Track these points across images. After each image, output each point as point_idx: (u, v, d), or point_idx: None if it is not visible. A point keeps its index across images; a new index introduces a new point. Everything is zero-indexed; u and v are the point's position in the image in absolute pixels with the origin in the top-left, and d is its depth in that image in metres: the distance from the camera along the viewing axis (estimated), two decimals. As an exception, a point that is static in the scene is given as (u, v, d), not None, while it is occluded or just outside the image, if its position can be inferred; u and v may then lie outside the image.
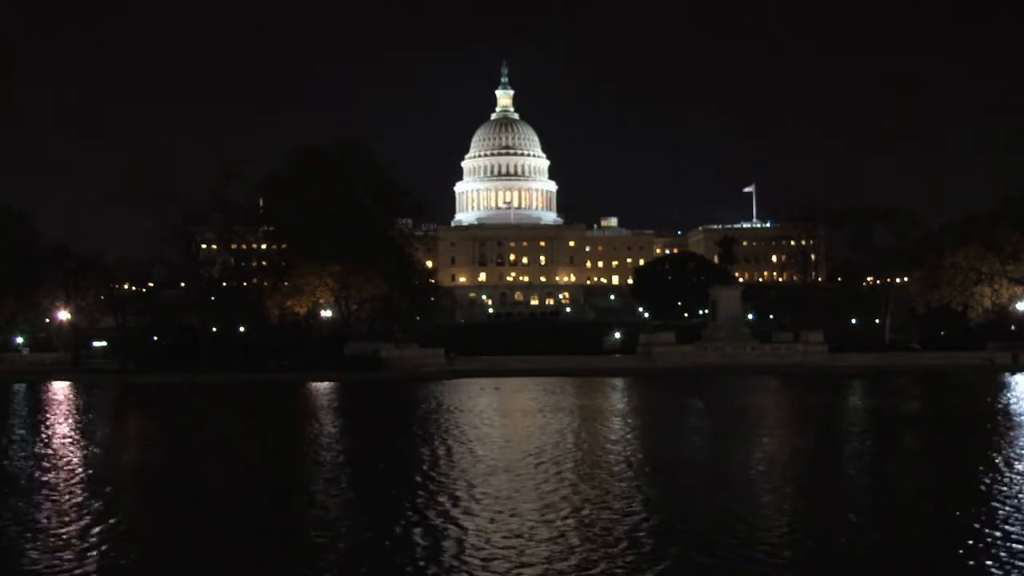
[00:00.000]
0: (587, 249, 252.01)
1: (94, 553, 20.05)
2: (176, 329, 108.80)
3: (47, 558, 19.65)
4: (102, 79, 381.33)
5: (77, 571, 18.74)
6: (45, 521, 23.23)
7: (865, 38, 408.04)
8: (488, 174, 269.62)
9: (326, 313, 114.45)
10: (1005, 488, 26.26)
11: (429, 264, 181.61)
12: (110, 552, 20.19)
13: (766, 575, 18.33)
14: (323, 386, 77.89)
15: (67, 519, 23.42)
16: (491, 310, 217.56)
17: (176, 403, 66.17)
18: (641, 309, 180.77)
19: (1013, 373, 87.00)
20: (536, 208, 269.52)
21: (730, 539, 20.81)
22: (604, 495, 25.83)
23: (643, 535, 21.26)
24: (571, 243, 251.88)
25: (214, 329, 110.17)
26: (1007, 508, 23.49)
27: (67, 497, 26.46)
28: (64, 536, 21.58)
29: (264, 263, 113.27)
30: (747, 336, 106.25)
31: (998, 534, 20.84)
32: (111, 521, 23.18)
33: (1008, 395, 61.09)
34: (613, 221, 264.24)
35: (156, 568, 19.67)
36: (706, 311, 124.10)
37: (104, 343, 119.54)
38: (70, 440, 40.65)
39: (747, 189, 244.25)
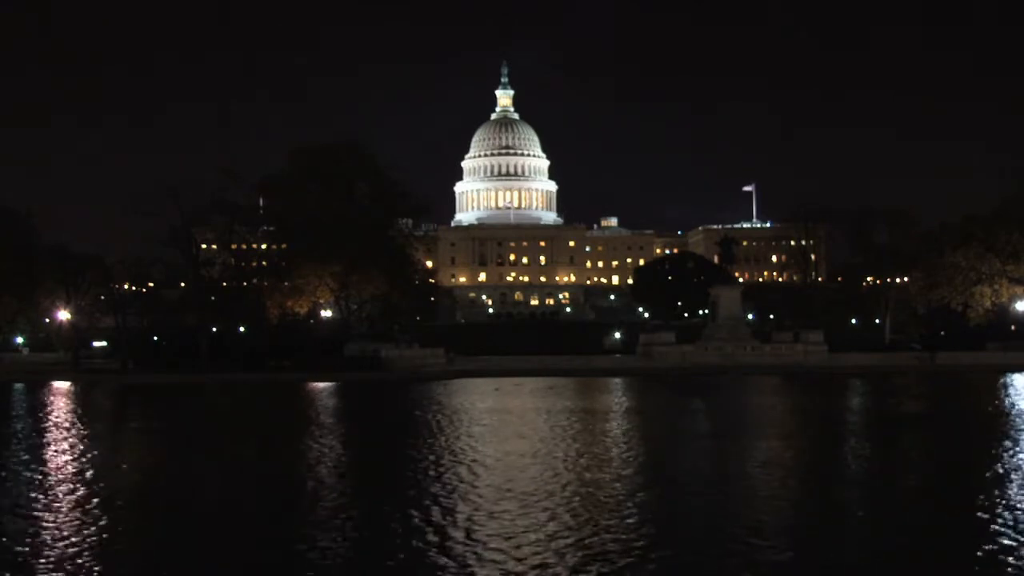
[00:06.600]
0: (587, 249, 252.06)
1: (91, 553, 20.03)
2: (176, 329, 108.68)
3: (43, 558, 19.64)
4: (102, 79, 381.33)
5: (74, 571, 18.74)
6: (42, 521, 23.20)
7: (866, 38, 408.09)
8: (488, 174, 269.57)
9: (326, 313, 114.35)
10: (1006, 488, 26.24)
11: (429, 264, 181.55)
12: (108, 553, 20.16)
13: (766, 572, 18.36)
14: (323, 386, 77.85)
15: (65, 519, 23.39)
16: (491, 310, 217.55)
17: (176, 403, 66.15)
18: (641, 309, 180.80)
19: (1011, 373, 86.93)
20: (536, 208, 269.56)
21: (731, 540, 20.81)
22: (604, 499, 25.80)
23: (642, 537, 21.27)
24: (571, 243, 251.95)
25: (214, 329, 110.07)
26: (1009, 508, 23.47)
27: (65, 497, 26.43)
28: (61, 537, 21.55)
29: (264, 263, 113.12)
30: (747, 336, 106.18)
31: (999, 534, 20.82)
32: (109, 521, 23.16)
33: (1008, 394, 61.05)
34: (613, 221, 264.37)
35: (154, 569, 19.65)
36: (706, 311, 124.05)
37: (104, 343, 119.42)
38: (69, 440, 40.61)
39: (747, 188, 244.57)
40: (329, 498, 26.26)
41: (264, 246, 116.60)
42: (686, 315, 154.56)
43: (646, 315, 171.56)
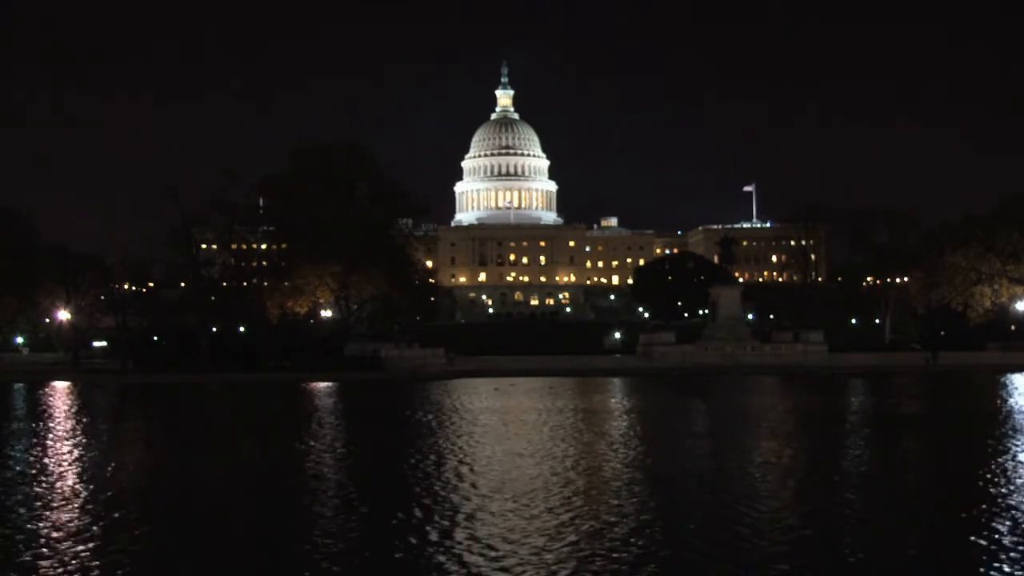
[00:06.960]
0: (587, 249, 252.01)
1: (90, 553, 20.03)
2: (176, 329, 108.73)
3: (43, 557, 19.64)
4: (102, 79, 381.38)
5: (74, 571, 18.74)
6: (42, 520, 23.19)
7: (866, 39, 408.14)
8: (488, 174, 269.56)
9: (326, 313, 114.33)
10: (1006, 488, 26.23)
11: (429, 264, 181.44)
12: (107, 553, 20.15)
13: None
14: (323, 386, 77.86)
15: (64, 519, 23.39)
16: (491, 310, 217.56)
17: (176, 403, 66.14)
18: (641, 309, 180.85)
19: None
20: (536, 208, 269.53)
21: (729, 540, 20.81)
22: (604, 502, 25.79)
23: (639, 537, 21.27)
24: (571, 243, 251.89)
25: (214, 329, 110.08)
26: (1008, 508, 23.46)
27: (64, 497, 26.43)
28: (61, 536, 21.55)
29: (264, 263, 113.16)
30: (747, 336, 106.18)
31: (999, 534, 20.81)
32: (108, 521, 23.15)
33: (1009, 394, 61.06)
34: (613, 221, 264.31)
35: (154, 569, 19.64)
36: (706, 311, 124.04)
37: (104, 343, 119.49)
38: (69, 440, 40.62)
39: (747, 188, 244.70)
40: (328, 498, 26.25)
41: (264, 246, 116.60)
42: (686, 315, 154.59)
43: (646, 315, 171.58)
